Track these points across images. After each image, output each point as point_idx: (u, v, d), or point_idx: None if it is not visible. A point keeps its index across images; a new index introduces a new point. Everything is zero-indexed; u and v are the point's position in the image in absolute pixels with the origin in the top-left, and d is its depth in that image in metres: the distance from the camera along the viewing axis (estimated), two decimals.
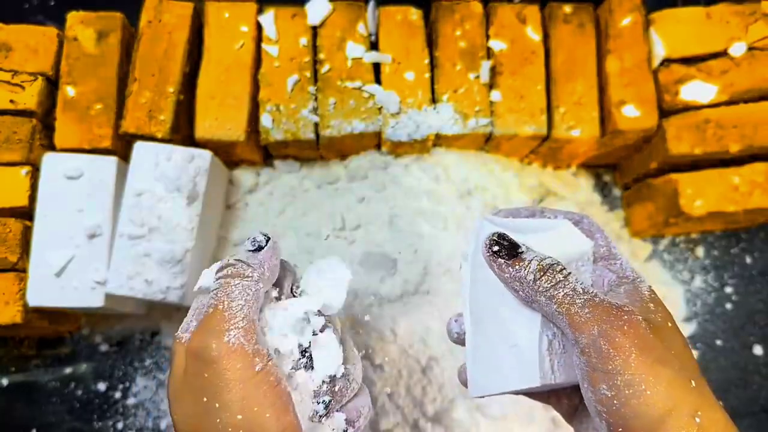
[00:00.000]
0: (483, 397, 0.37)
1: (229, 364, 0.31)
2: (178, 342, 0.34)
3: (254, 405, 0.31)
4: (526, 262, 0.33)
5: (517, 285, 0.33)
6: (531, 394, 0.38)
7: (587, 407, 0.31)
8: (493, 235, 0.34)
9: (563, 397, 0.38)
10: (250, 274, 0.34)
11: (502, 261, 0.33)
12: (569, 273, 0.32)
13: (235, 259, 0.35)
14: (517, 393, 0.36)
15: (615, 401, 0.29)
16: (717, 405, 0.30)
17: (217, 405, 0.31)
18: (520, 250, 0.33)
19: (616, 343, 0.29)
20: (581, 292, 0.31)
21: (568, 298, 0.31)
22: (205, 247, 0.58)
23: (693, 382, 0.30)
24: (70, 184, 0.54)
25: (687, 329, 0.64)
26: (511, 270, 0.33)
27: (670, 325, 0.32)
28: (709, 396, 0.30)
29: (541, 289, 0.32)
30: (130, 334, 0.62)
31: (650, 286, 0.34)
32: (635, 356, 0.29)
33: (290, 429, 0.32)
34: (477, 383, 0.36)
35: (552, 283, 0.32)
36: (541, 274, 0.32)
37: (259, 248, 0.35)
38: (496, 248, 0.34)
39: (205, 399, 0.31)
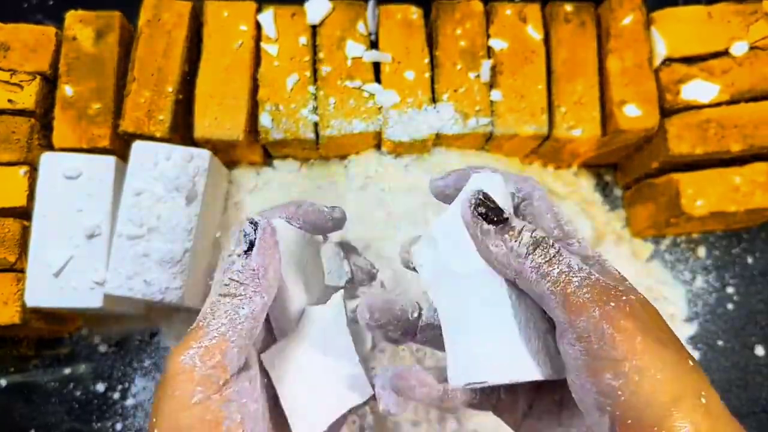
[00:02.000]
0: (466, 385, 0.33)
1: (173, 388, 0.27)
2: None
3: None
4: (516, 232, 0.29)
5: (502, 258, 0.29)
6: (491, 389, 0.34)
7: (579, 403, 0.28)
8: (478, 193, 0.30)
9: (520, 398, 0.34)
10: (242, 292, 0.30)
11: (490, 228, 0.29)
12: (560, 247, 0.29)
13: (229, 278, 0.30)
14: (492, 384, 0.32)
15: (622, 390, 0.26)
16: (710, 387, 0.28)
17: (155, 431, 0.27)
18: (505, 215, 0.29)
19: (620, 326, 0.26)
20: (577, 269, 0.28)
21: (564, 276, 0.27)
22: (204, 247, 0.57)
23: (690, 361, 0.28)
24: (69, 184, 0.54)
25: (688, 330, 0.64)
26: (499, 239, 0.29)
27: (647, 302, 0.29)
28: (703, 374, 0.28)
29: (533, 264, 0.28)
30: (129, 334, 0.62)
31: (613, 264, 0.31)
32: (641, 339, 0.26)
33: None
34: (457, 372, 0.33)
35: (546, 259, 0.28)
36: (534, 247, 0.28)
37: (251, 245, 0.31)
38: (482, 209, 0.30)
39: (154, 420, 0.27)
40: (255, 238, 0.31)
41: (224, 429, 0.27)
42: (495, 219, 0.29)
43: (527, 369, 0.30)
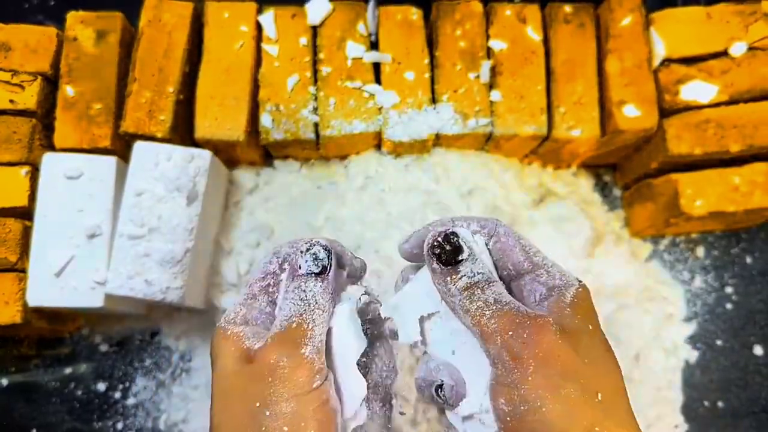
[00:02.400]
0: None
1: (294, 377, 0.31)
2: (226, 338, 0.34)
3: (302, 420, 0.31)
4: (459, 276, 0.32)
5: (443, 296, 0.33)
6: None
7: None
8: (440, 234, 0.33)
9: None
10: (324, 308, 0.34)
11: (437, 267, 0.33)
12: (488, 287, 0.32)
13: (311, 293, 0.34)
14: None
15: (509, 417, 0.29)
16: (624, 418, 0.30)
17: (267, 413, 0.31)
18: (459, 258, 0.33)
19: (515, 354, 0.30)
20: (492, 302, 0.31)
21: (480, 310, 0.31)
22: (205, 247, 0.58)
23: (600, 395, 0.29)
24: (70, 184, 0.54)
25: (687, 329, 0.64)
26: (441, 279, 0.33)
27: (590, 328, 0.31)
28: (617, 409, 0.30)
29: (461, 303, 0.32)
30: (130, 334, 0.62)
31: (579, 289, 0.33)
32: (533, 369, 0.29)
33: None
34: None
35: (470, 299, 0.32)
36: (464, 289, 0.32)
37: (324, 269, 0.35)
38: (437, 250, 0.33)
39: (257, 404, 0.31)
40: (328, 264, 0.35)
41: (332, 406, 0.32)
42: (445, 260, 0.33)
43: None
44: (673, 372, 0.62)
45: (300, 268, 0.35)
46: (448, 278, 0.33)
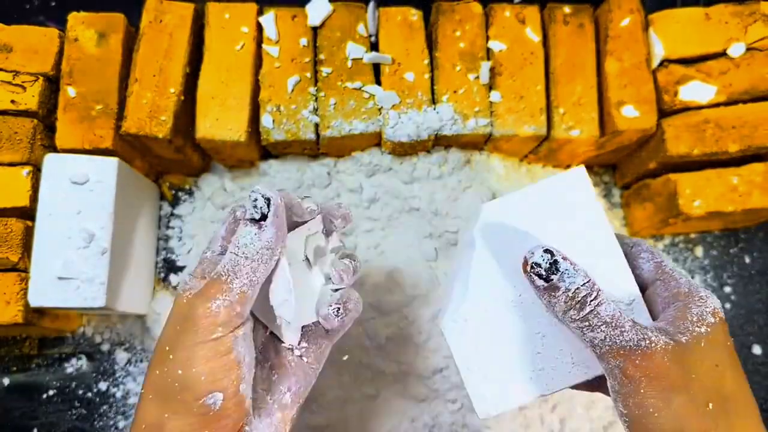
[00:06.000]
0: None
1: (196, 326, 0.34)
2: (179, 295, 0.36)
3: (194, 365, 0.34)
4: (560, 293, 0.34)
5: (549, 308, 0.35)
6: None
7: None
8: (537, 250, 0.34)
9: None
10: (258, 258, 0.36)
11: (540, 285, 0.34)
12: (598, 299, 0.33)
13: (244, 243, 0.36)
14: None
15: (627, 419, 0.33)
16: (738, 427, 0.33)
17: (171, 357, 0.34)
18: (556, 272, 0.34)
19: (628, 373, 0.33)
20: (600, 322, 0.33)
21: (592, 331, 0.34)
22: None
23: (710, 404, 0.32)
24: (72, 185, 0.54)
25: None
26: (545, 295, 0.35)
27: (703, 345, 0.33)
28: (730, 418, 0.33)
29: (568, 319, 0.34)
30: (131, 333, 0.62)
31: (702, 300, 0.35)
32: (645, 384, 0.32)
33: (223, 392, 0.34)
34: (486, 398, 0.39)
35: (580, 316, 0.34)
36: (570, 306, 0.34)
37: (263, 217, 0.36)
38: (535, 269, 0.34)
39: (167, 348, 0.35)
40: (268, 212, 0.36)
41: (233, 357, 0.35)
42: (546, 277, 0.34)
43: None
44: None
45: (245, 214, 0.36)
46: (550, 295, 0.34)
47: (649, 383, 0.32)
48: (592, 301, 0.33)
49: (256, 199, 0.36)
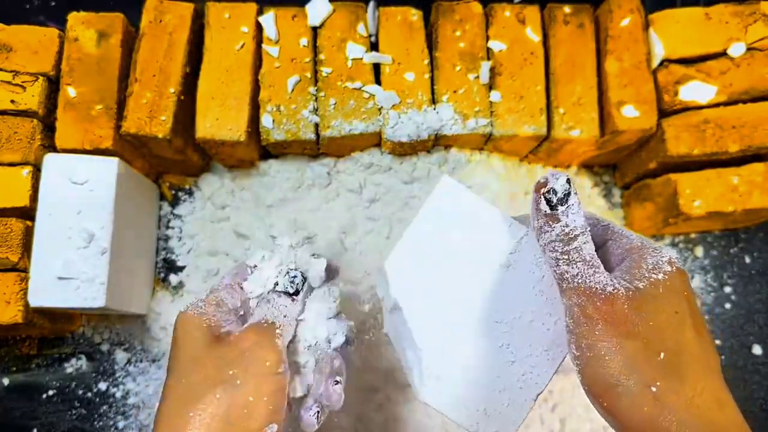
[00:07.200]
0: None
1: (266, 359, 0.37)
2: (199, 316, 0.39)
3: (263, 395, 0.37)
4: (558, 225, 0.34)
5: (538, 235, 0.35)
6: None
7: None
8: (561, 177, 0.34)
9: None
10: (293, 320, 0.41)
11: (544, 209, 0.34)
12: (585, 238, 0.34)
13: (276, 308, 0.41)
14: None
15: (578, 361, 0.33)
16: (690, 378, 0.32)
17: (238, 382, 0.36)
18: (564, 204, 0.34)
19: (587, 313, 0.33)
20: (577, 259, 0.33)
21: (568, 265, 0.34)
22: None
23: (662, 354, 0.32)
24: (72, 185, 0.54)
25: None
26: (542, 220, 0.34)
27: (661, 291, 0.33)
28: (681, 369, 0.32)
29: (551, 249, 0.34)
30: (131, 333, 0.62)
31: (656, 251, 0.35)
32: (601, 326, 0.32)
33: (278, 425, 0.37)
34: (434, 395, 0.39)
35: (563, 249, 0.34)
36: (560, 239, 0.34)
37: (297, 292, 0.41)
38: (548, 194, 0.34)
39: (231, 373, 0.37)
40: (301, 290, 0.42)
41: (287, 393, 0.39)
42: (553, 205, 0.34)
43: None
44: None
45: (277, 285, 0.42)
46: (549, 223, 0.34)
47: (605, 326, 0.32)
48: (580, 237, 0.34)
49: (295, 276, 0.41)
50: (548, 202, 0.34)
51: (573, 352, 0.34)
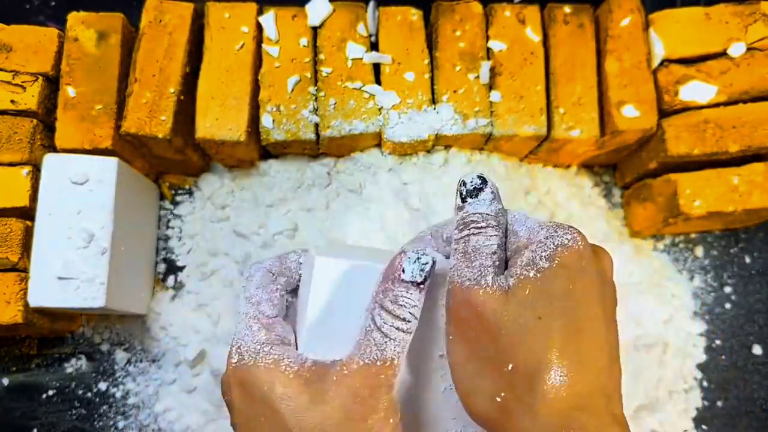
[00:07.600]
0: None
1: (376, 413, 0.31)
2: (266, 368, 0.32)
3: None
4: (461, 213, 0.34)
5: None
6: None
7: None
8: (474, 174, 0.35)
9: None
10: (413, 320, 0.33)
11: (457, 203, 0.35)
12: (479, 231, 0.33)
13: (401, 304, 0.33)
14: None
15: (447, 358, 0.32)
16: (541, 388, 0.28)
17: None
18: (474, 197, 0.34)
19: (448, 308, 0.32)
20: (464, 253, 0.32)
21: (454, 254, 0.33)
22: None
23: (510, 365, 0.29)
24: (72, 185, 0.54)
25: None
26: (455, 211, 0.35)
27: (528, 293, 0.30)
28: (530, 382, 0.29)
29: (452, 237, 0.34)
30: (131, 333, 0.62)
31: (540, 244, 0.31)
32: (454, 327, 0.31)
33: None
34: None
35: (455, 237, 0.33)
36: (457, 225, 0.34)
37: (425, 280, 0.34)
38: (461, 187, 0.35)
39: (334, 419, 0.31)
40: (428, 277, 0.32)
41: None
42: (466, 196, 0.34)
43: None
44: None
45: (404, 272, 0.32)
46: (458, 212, 0.34)
47: (457, 327, 0.30)
48: (473, 228, 0.32)
49: (426, 263, 0.32)
50: (460, 195, 0.35)
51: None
